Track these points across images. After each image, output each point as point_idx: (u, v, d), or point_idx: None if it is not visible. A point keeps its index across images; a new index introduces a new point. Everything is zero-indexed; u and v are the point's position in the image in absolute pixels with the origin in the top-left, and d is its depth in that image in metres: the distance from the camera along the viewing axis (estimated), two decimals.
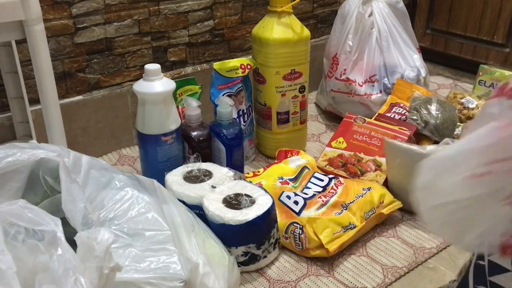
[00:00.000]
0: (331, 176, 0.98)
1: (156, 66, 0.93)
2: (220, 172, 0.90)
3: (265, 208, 0.80)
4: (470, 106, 1.24)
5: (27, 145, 0.66)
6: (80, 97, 1.14)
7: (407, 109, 1.19)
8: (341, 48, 1.30)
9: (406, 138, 1.06)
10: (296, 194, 0.91)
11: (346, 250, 0.88)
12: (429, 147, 0.90)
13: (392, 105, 1.22)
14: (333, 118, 1.37)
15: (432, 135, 1.12)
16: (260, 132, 1.18)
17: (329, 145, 1.12)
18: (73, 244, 0.51)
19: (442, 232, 0.57)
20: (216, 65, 1.07)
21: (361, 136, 1.10)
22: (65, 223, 0.55)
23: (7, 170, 0.62)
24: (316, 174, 0.98)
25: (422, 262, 0.86)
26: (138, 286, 0.58)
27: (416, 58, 1.32)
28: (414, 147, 0.91)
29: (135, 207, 0.66)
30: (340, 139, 1.11)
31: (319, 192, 0.92)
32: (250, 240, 0.80)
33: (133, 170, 1.14)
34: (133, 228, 0.64)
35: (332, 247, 0.83)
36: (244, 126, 1.12)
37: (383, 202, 0.92)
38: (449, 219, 0.49)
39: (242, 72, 1.10)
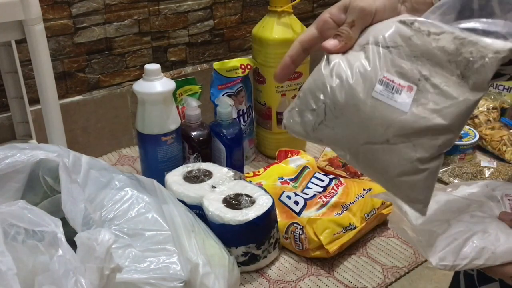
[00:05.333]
0: (331, 176, 0.98)
1: (156, 66, 0.93)
2: (220, 172, 0.90)
3: (265, 208, 0.80)
4: None
5: (27, 145, 0.66)
6: (80, 97, 1.14)
7: None
8: None
9: None
10: (296, 194, 0.90)
11: (346, 250, 0.88)
12: None
13: None
14: None
15: None
16: (260, 132, 1.18)
17: None
18: (72, 244, 0.51)
19: None
20: (216, 65, 1.07)
21: None
22: (64, 223, 0.55)
23: (6, 171, 0.62)
24: (317, 174, 0.98)
25: (422, 262, 0.86)
26: (138, 287, 0.58)
27: None
28: None
29: (135, 207, 0.66)
30: None
31: (320, 193, 0.92)
32: (250, 240, 0.80)
33: (133, 170, 1.14)
34: (133, 229, 0.64)
35: (332, 248, 0.83)
36: (244, 126, 1.12)
37: (384, 203, 0.92)
38: None
39: (242, 72, 1.10)
